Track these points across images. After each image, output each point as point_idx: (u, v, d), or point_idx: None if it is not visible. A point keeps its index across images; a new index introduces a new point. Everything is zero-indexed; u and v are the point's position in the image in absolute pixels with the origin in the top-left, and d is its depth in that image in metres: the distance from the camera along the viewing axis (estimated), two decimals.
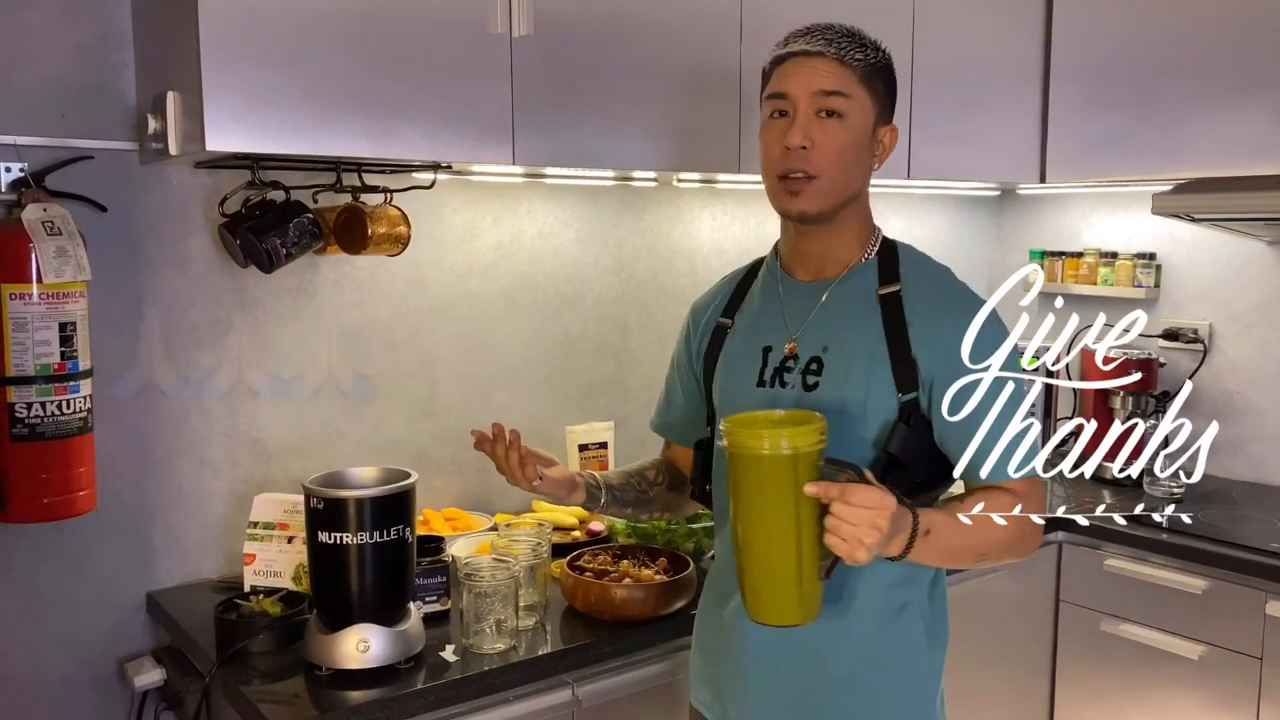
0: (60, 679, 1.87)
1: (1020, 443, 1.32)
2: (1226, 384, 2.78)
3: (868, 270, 1.44)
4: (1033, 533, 1.40)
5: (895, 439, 1.36)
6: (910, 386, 1.36)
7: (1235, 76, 2.33)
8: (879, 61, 1.40)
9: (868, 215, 1.48)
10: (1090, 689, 2.46)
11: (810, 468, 1.21)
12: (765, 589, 1.26)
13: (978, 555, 1.40)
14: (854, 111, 1.37)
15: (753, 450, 1.21)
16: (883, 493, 1.20)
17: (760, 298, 1.54)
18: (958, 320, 1.29)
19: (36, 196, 1.70)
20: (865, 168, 1.42)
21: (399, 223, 2.00)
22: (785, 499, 1.20)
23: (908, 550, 1.26)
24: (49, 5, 1.77)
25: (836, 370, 1.40)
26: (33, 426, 1.65)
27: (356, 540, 1.55)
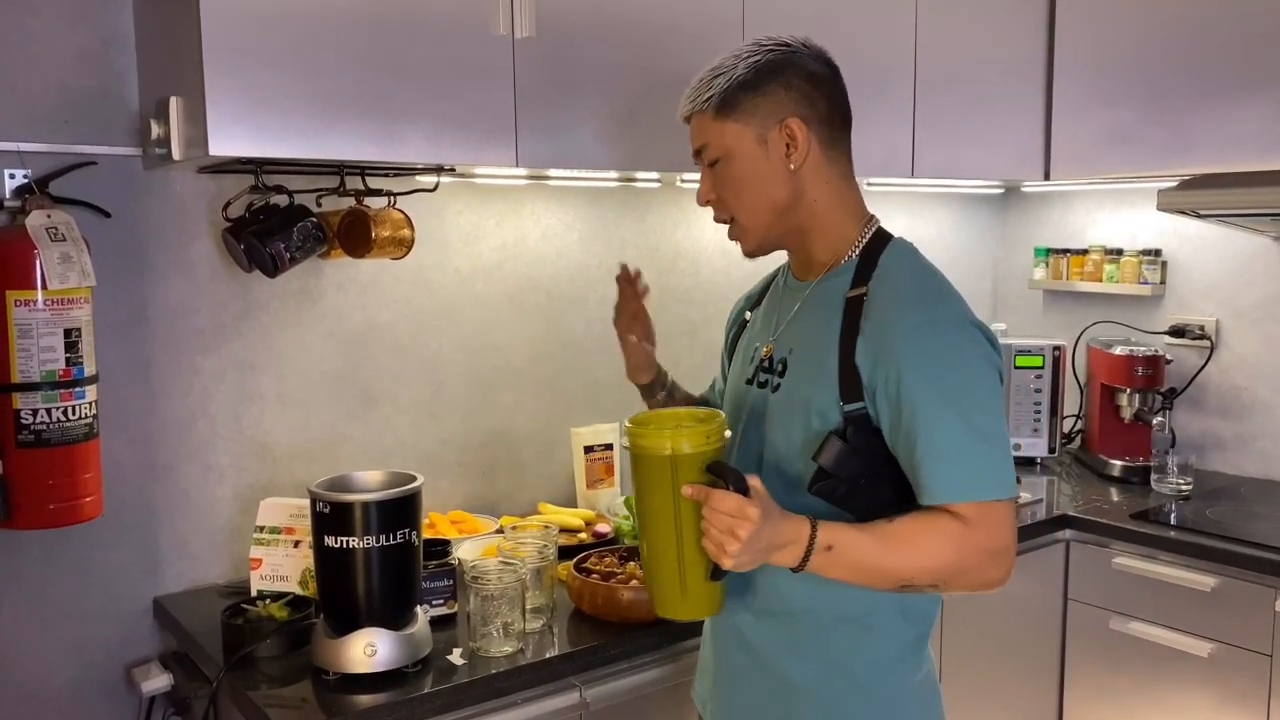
0: (68, 685, 1.88)
1: (969, 463, 1.25)
2: (1234, 380, 2.77)
3: (845, 272, 1.38)
4: (983, 563, 1.26)
5: (825, 451, 1.28)
6: (854, 396, 1.29)
7: (1240, 72, 2.32)
8: (734, 81, 1.34)
9: (841, 209, 1.40)
10: (1099, 687, 2.45)
11: (691, 469, 1.23)
12: (653, 582, 1.32)
13: (899, 580, 1.26)
14: (727, 149, 1.37)
15: (637, 448, 1.26)
16: (744, 503, 1.18)
17: (769, 296, 1.55)
18: (902, 322, 1.28)
19: (40, 203, 1.71)
20: (778, 179, 1.36)
21: (402, 226, 2.00)
22: (665, 497, 1.24)
23: (804, 563, 1.23)
24: (52, 11, 1.77)
25: (794, 374, 1.38)
26: (38, 433, 1.65)
27: (363, 544, 1.55)
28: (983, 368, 1.28)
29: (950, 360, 1.26)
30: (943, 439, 1.24)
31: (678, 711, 1.81)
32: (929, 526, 1.25)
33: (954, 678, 2.33)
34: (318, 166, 1.90)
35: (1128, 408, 2.76)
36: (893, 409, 1.26)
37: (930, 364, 1.25)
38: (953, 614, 2.27)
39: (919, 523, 1.26)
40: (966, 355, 1.27)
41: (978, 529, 1.24)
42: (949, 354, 1.27)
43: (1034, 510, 2.47)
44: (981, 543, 1.25)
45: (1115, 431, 2.79)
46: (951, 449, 1.24)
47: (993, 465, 1.26)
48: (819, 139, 1.36)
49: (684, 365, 2.62)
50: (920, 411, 1.24)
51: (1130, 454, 2.75)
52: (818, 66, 1.37)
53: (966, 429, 1.24)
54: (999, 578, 1.28)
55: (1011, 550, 1.28)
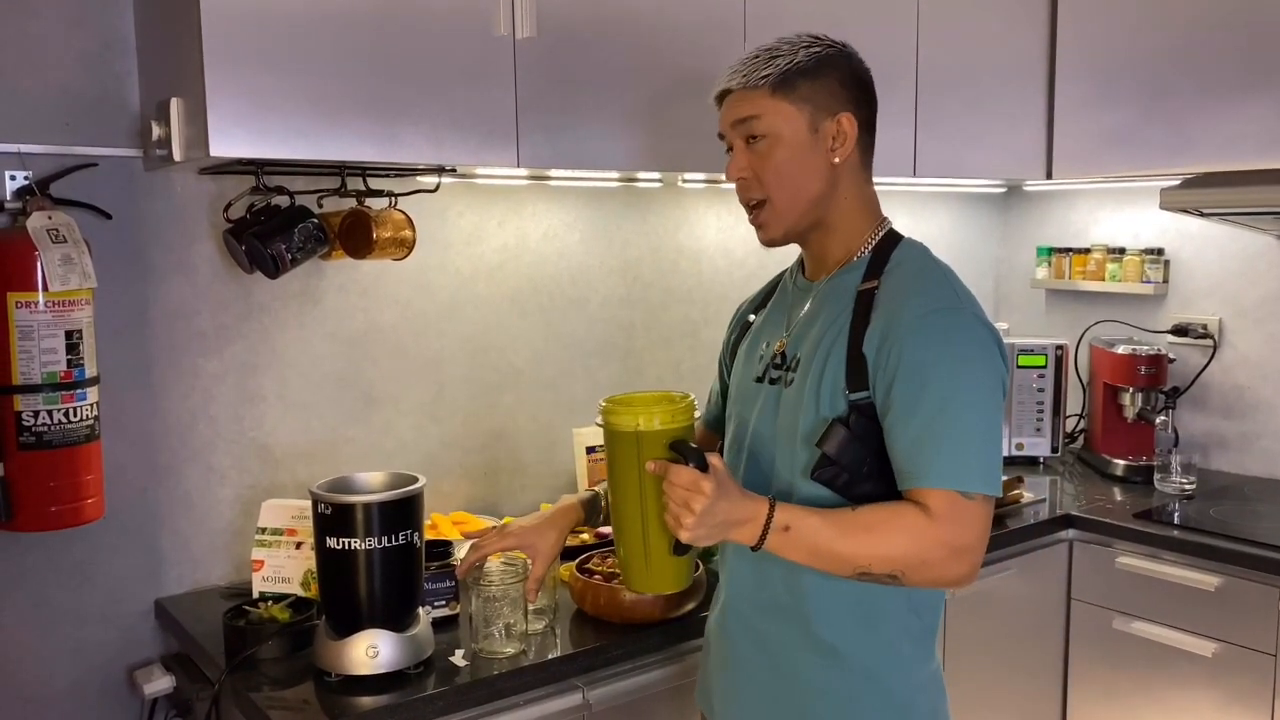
0: (70, 687, 1.87)
1: (952, 453, 1.24)
2: (1237, 379, 2.77)
3: (858, 267, 1.40)
4: (945, 558, 1.25)
5: (830, 438, 1.30)
6: (860, 385, 1.31)
7: (1243, 70, 2.32)
8: (794, 66, 1.35)
9: (862, 210, 1.43)
10: (1103, 687, 2.45)
11: (656, 447, 1.28)
12: (622, 556, 1.38)
13: (855, 567, 1.27)
14: (776, 127, 1.36)
15: (607, 425, 1.33)
16: (699, 477, 1.22)
17: (777, 295, 1.56)
18: (910, 310, 1.30)
19: (41, 204, 1.71)
20: (818, 169, 1.38)
21: (404, 227, 2.00)
22: (631, 473, 1.31)
23: (762, 541, 1.27)
24: (53, 14, 1.77)
25: (804, 367, 1.38)
26: (40, 435, 1.65)
27: (364, 545, 1.54)
28: (984, 363, 1.28)
29: (952, 350, 1.27)
30: (930, 424, 1.25)
31: (680, 712, 1.80)
32: (891, 516, 1.27)
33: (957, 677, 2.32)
34: (319, 167, 1.90)
35: (1131, 407, 2.75)
36: (887, 390, 1.28)
37: (931, 350, 1.26)
38: (956, 613, 2.27)
39: (882, 512, 1.28)
40: (969, 349, 1.28)
41: (944, 523, 1.24)
42: (952, 344, 1.27)
43: (1037, 510, 2.47)
44: (945, 537, 1.25)
45: (1118, 431, 2.79)
46: (935, 435, 1.25)
47: (977, 459, 1.26)
48: (860, 140, 1.39)
49: (686, 365, 2.62)
50: (913, 394, 1.26)
51: (1133, 453, 2.74)
52: (864, 71, 1.41)
53: (955, 418, 1.25)
54: (962, 574, 1.28)
55: (978, 549, 1.28)
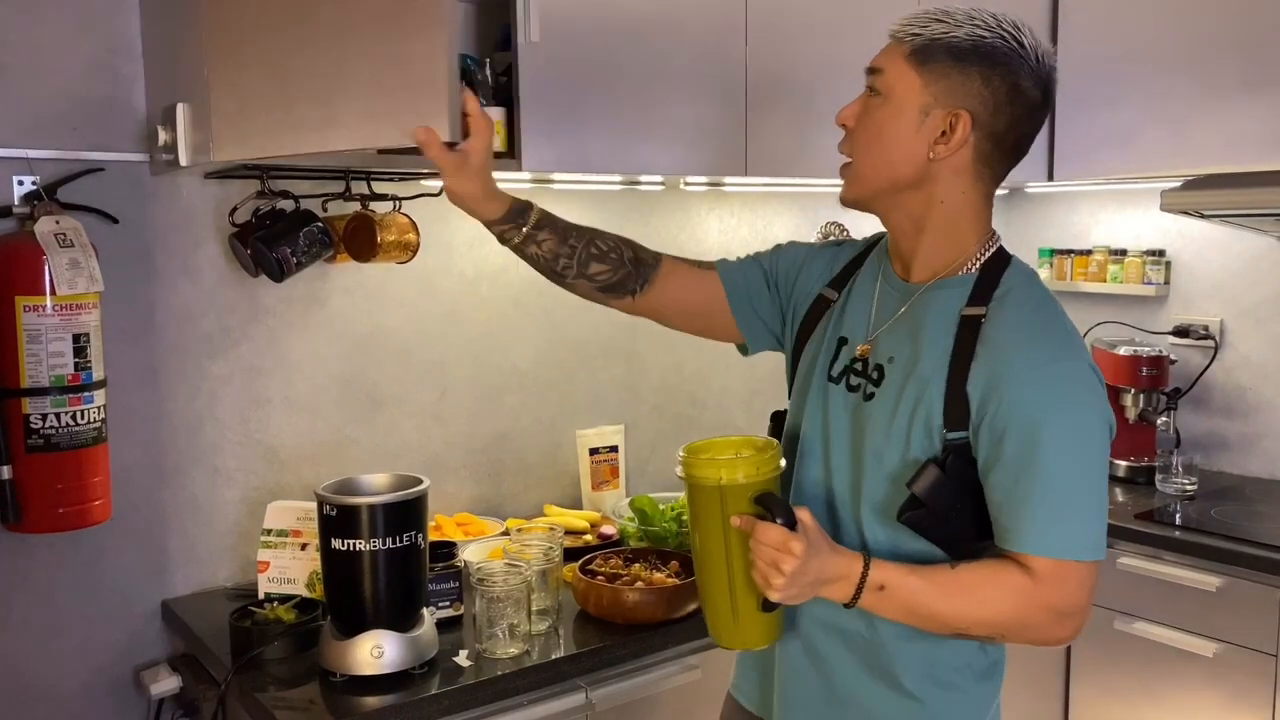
0: (77, 688, 1.89)
1: (1060, 518, 1.18)
2: (1239, 380, 2.77)
3: (962, 284, 1.28)
4: (1049, 621, 1.20)
5: (922, 479, 1.21)
6: (958, 425, 1.21)
7: (1244, 71, 2.32)
8: (949, 38, 1.23)
9: (969, 220, 1.31)
10: (1104, 687, 2.45)
11: (741, 500, 1.21)
12: (708, 611, 1.30)
13: (953, 627, 1.22)
14: (896, 90, 1.25)
15: (692, 476, 1.24)
16: (788, 536, 1.15)
17: (860, 283, 1.41)
18: (1025, 357, 1.19)
19: (49, 209, 1.72)
20: (911, 155, 1.26)
21: (408, 230, 2.01)
22: (716, 527, 1.23)
23: (855, 600, 1.21)
24: (60, 20, 1.79)
25: (893, 386, 1.27)
26: (48, 437, 1.67)
27: (369, 546, 1.56)
28: (1098, 424, 1.20)
29: (1067, 408, 1.18)
30: (1039, 486, 1.17)
31: (683, 712, 1.81)
32: (993, 579, 1.20)
33: None
34: (324, 171, 1.92)
35: (1132, 408, 2.75)
36: (996, 444, 1.19)
37: (1046, 407, 1.18)
38: None
39: (983, 573, 1.21)
40: (1084, 406, 1.20)
41: (1048, 586, 1.18)
42: (1067, 402, 1.19)
43: None
44: (1051, 601, 1.19)
45: (1120, 432, 2.75)
46: (1045, 498, 1.17)
47: (1084, 524, 1.19)
48: (978, 148, 1.26)
49: (689, 367, 2.63)
50: (1024, 453, 1.17)
51: (1135, 454, 2.75)
52: (1030, 84, 1.26)
53: (1066, 482, 1.18)
54: (1066, 636, 1.23)
55: (1084, 612, 1.22)
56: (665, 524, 2.09)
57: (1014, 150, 1.30)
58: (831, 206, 2.76)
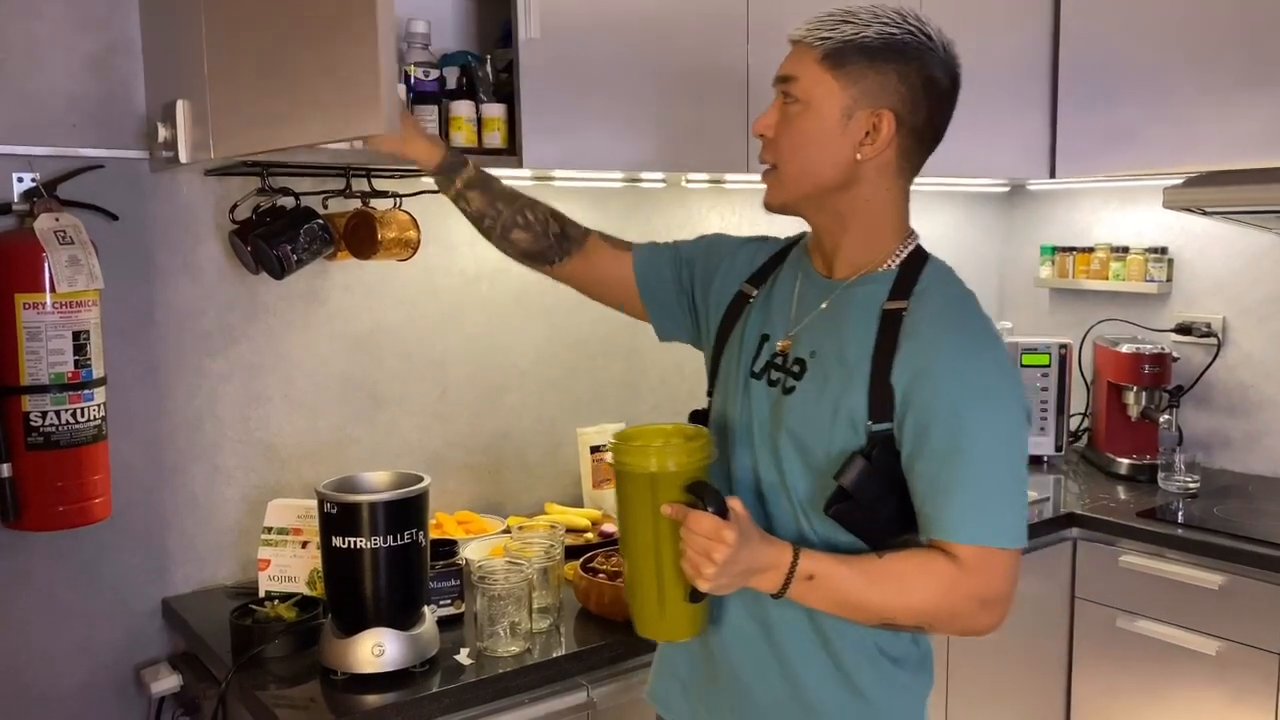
0: (77, 687, 1.88)
1: (984, 507, 1.20)
2: (1241, 378, 2.77)
3: (883, 280, 1.30)
4: (975, 609, 1.22)
5: (849, 471, 1.23)
6: (883, 416, 1.23)
7: (1246, 68, 2.32)
8: (860, 39, 1.24)
9: (887, 218, 1.32)
10: (1107, 686, 2.45)
11: (673, 489, 1.20)
12: (633, 600, 1.29)
13: (880, 616, 1.23)
14: (814, 97, 1.26)
15: (620, 465, 1.24)
16: (721, 525, 1.15)
17: (781, 280, 1.43)
18: (950, 351, 1.22)
19: (48, 206, 1.72)
20: (836, 158, 1.27)
21: (409, 227, 2.01)
22: (646, 516, 1.22)
23: (784, 590, 1.21)
24: (59, 17, 1.78)
25: (815, 380, 1.29)
26: (47, 435, 1.66)
27: (370, 545, 1.55)
28: (1018, 413, 1.23)
29: (988, 398, 1.21)
30: (963, 476, 1.19)
31: None
32: (921, 568, 1.22)
33: (961, 676, 2.33)
34: (324, 168, 1.91)
35: (1134, 406, 2.75)
36: (920, 434, 1.21)
37: (968, 398, 1.20)
38: None
39: (911, 562, 1.22)
40: (1005, 397, 1.22)
41: (973, 574, 1.20)
42: (988, 391, 1.21)
43: (1041, 509, 2.47)
44: (976, 589, 1.21)
45: (1122, 429, 2.79)
46: (970, 488, 1.19)
47: (1007, 512, 1.22)
48: (900, 145, 1.28)
49: (690, 365, 2.62)
50: (947, 443, 1.20)
51: (1137, 452, 2.74)
52: (942, 75, 1.28)
53: (989, 471, 1.20)
54: (989, 625, 1.25)
55: (1008, 600, 1.24)
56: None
57: (932, 141, 1.32)
58: None
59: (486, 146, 1.89)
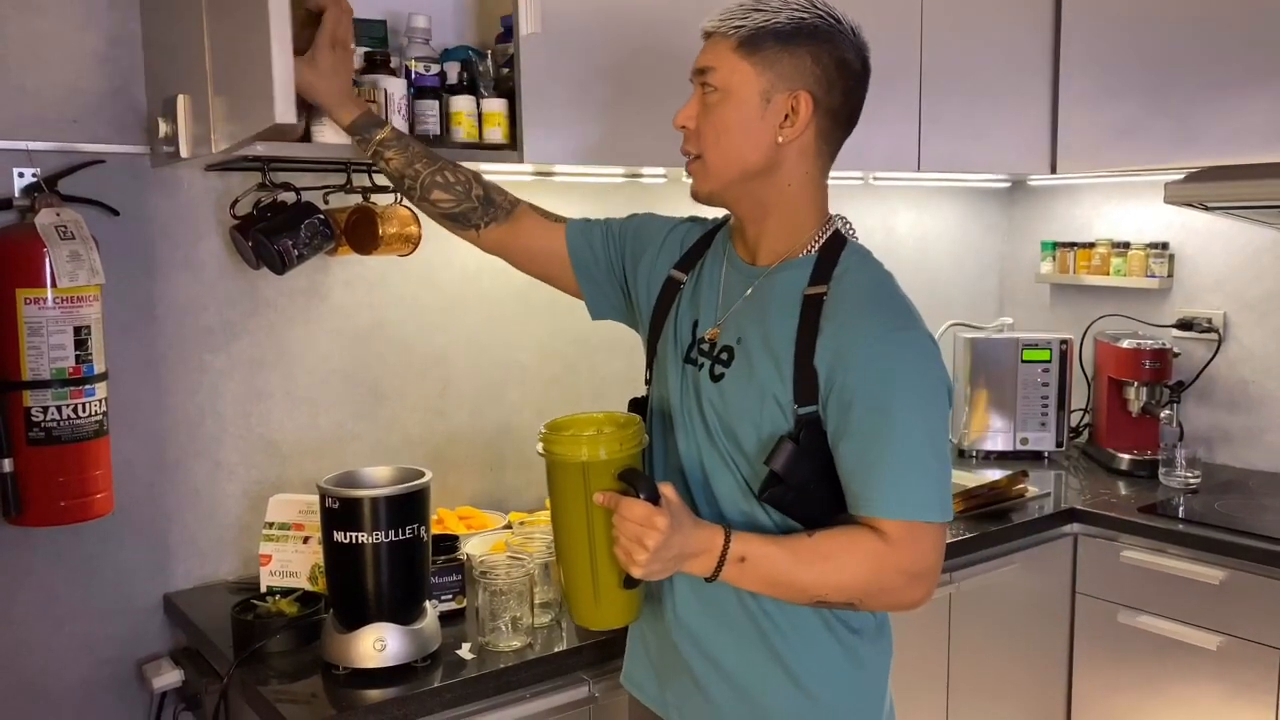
0: (79, 682, 1.89)
1: (909, 481, 1.22)
2: (1242, 373, 2.77)
3: (803, 265, 1.33)
4: (904, 584, 1.25)
5: (779, 455, 1.25)
6: (809, 399, 1.26)
7: (1247, 63, 2.31)
8: (772, 25, 1.27)
9: (809, 202, 1.36)
10: (1108, 681, 2.45)
11: (605, 477, 1.22)
12: (568, 589, 1.30)
13: (812, 595, 1.25)
14: (732, 85, 1.29)
15: (552, 454, 1.25)
16: (653, 511, 1.17)
17: (708, 266, 1.46)
18: (867, 329, 1.24)
19: (49, 201, 1.71)
20: (759, 142, 1.30)
21: (410, 222, 2.01)
22: (578, 505, 1.23)
23: (717, 573, 1.23)
24: (60, 12, 1.78)
25: (742, 367, 1.32)
26: (49, 430, 1.66)
27: (372, 540, 1.55)
28: (939, 389, 1.26)
29: (909, 376, 1.23)
30: (889, 452, 1.22)
31: None
32: (849, 545, 1.24)
33: (963, 671, 2.33)
34: (325, 163, 1.91)
35: (1135, 401, 2.75)
36: (844, 413, 1.24)
37: (888, 375, 1.23)
38: (961, 607, 2.28)
39: (839, 540, 1.24)
40: (925, 374, 1.25)
41: (901, 549, 1.22)
42: (909, 369, 1.24)
43: (1041, 504, 2.47)
44: (904, 564, 1.23)
45: (1123, 425, 2.79)
46: (895, 463, 1.22)
47: (933, 486, 1.24)
48: (818, 126, 1.31)
49: None
50: (871, 421, 1.22)
51: (1138, 447, 2.75)
52: (853, 57, 1.31)
53: (913, 446, 1.22)
54: (918, 599, 1.27)
55: (935, 573, 1.27)
56: None
57: (848, 124, 1.35)
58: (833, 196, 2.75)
59: (487, 141, 1.89)
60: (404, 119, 1.81)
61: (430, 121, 1.84)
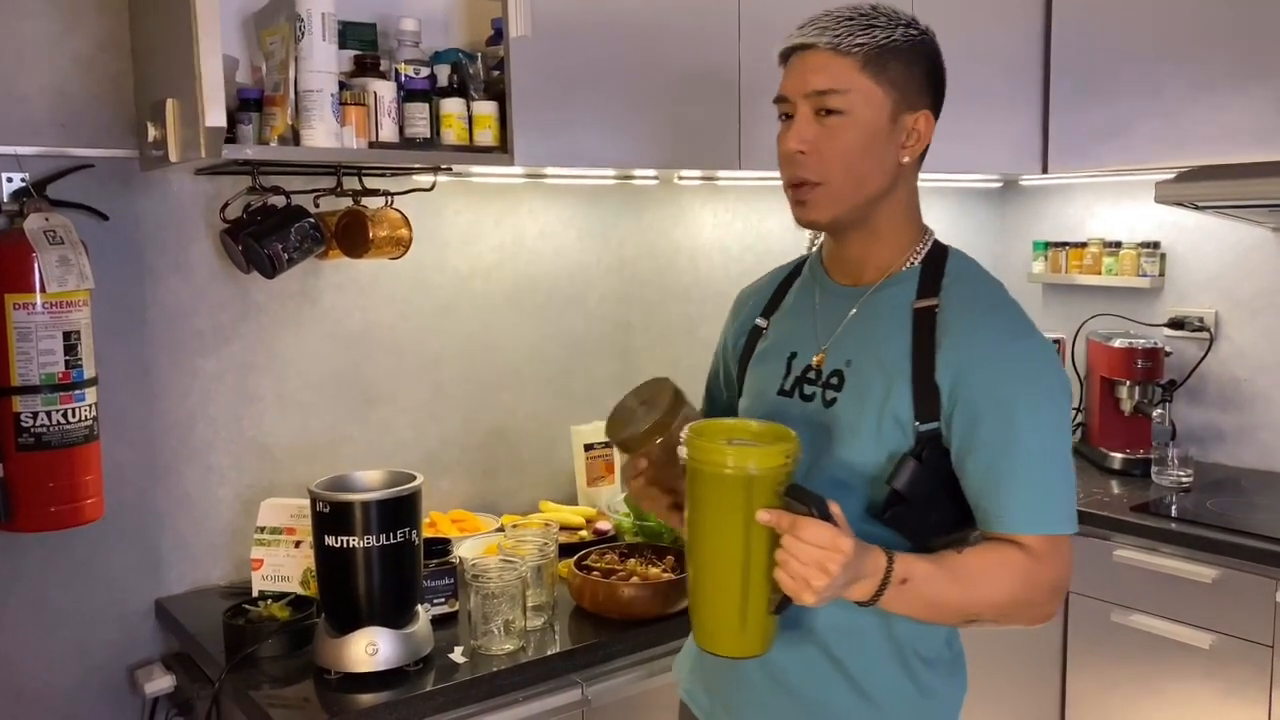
0: (71, 687, 1.88)
1: (1045, 495, 1.20)
2: (1234, 371, 2.77)
3: (908, 279, 1.29)
4: (1047, 598, 1.22)
5: (902, 474, 1.21)
6: (930, 415, 1.21)
7: (1237, 63, 2.32)
8: (892, 43, 1.24)
9: (912, 215, 1.33)
10: (1101, 680, 2.45)
11: (768, 492, 1.10)
12: (707, 613, 1.17)
13: (966, 615, 1.21)
14: (857, 106, 1.23)
15: (707, 464, 1.11)
16: (837, 534, 1.08)
17: (796, 299, 1.42)
18: (988, 341, 1.21)
19: (38, 206, 1.71)
20: (885, 164, 1.26)
21: (400, 226, 2.01)
22: (735, 521, 1.10)
23: (877, 597, 1.15)
24: (48, 16, 1.78)
25: (855, 388, 1.27)
26: (39, 436, 1.66)
27: (363, 543, 1.55)
28: (1064, 396, 1.23)
29: (1035, 386, 1.21)
30: (1022, 468, 1.19)
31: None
32: (1000, 561, 1.20)
33: None
34: (315, 167, 1.91)
35: (1127, 400, 2.76)
36: (971, 429, 1.20)
37: (1015, 389, 1.19)
38: None
39: (989, 556, 1.20)
40: (1050, 382, 1.22)
41: (1045, 564, 1.19)
42: (1035, 379, 1.21)
43: None
44: (1048, 578, 1.20)
45: (1115, 424, 2.79)
46: (1030, 478, 1.19)
47: (1067, 498, 1.22)
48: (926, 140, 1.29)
49: (684, 363, 2.63)
50: (1001, 435, 1.19)
51: (1130, 446, 2.75)
52: (943, 68, 1.31)
53: (1048, 460, 1.20)
54: (1052, 613, 1.25)
55: (1068, 586, 1.24)
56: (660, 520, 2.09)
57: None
58: None
59: (478, 144, 1.89)
60: (394, 122, 1.80)
61: (420, 124, 1.84)
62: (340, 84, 1.71)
